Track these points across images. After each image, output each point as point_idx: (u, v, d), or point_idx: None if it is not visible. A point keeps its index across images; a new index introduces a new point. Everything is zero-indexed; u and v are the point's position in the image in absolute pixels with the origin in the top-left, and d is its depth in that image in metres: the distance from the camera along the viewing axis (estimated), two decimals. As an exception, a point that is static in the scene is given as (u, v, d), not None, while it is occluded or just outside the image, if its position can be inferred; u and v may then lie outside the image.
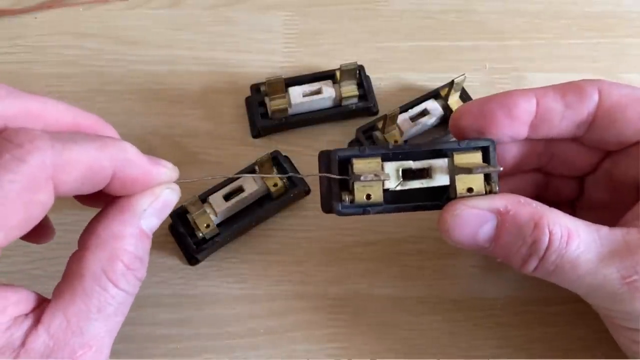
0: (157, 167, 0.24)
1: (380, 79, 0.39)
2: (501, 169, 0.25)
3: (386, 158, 0.26)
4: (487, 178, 0.25)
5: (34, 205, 0.21)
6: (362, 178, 0.24)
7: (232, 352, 0.31)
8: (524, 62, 0.40)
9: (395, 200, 0.26)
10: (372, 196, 0.25)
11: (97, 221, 0.24)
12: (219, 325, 0.32)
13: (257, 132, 0.37)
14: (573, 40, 0.41)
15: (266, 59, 0.40)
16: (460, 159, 0.25)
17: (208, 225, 0.32)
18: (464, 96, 0.37)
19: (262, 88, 0.37)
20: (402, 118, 0.36)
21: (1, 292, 0.22)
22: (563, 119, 0.26)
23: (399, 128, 0.36)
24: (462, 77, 0.35)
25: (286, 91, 0.36)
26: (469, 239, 0.25)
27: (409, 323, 0.32)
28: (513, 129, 0.26)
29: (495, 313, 0.32)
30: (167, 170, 0.25)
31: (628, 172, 0.27)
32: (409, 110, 0.36)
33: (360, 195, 0.25)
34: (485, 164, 0.25)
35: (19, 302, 0.22)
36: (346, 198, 0.25)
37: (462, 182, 0.25)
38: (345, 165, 0.26)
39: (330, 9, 0.42)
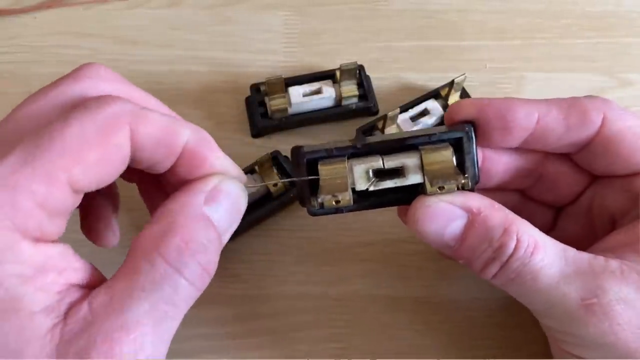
0: (223, 156, 0.24)
1: (381, 79, 0.39)
2: (463, 181, 0.24)
3: (355, 155, 0.25)
4: (462, 168, 0.24)
5: (112, 146, 0.21)
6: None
7: (232, 353, 0.31)
8: (524, 61, 0.40)
9: (368, 198, 0.25)
10: (341, 201, 0.24)
11: (161, 204, 0.23)
12: (219, 326, 0.32)
13: (257, 131, 0.37)
14: (573, 40, 0.41)
15: (266, 58, 0.40)
16: (430, 157, 0.24)
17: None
18: (464, 96, 0.37)
19: (262, 88, 0.37)
20: (402, 118, 0.36)
21: (66, 255, 0.21)
22: (560, 139, 0.26)
23: (399, 128, 0.36)
24: (463, 76, 0.35)
25: (286, 91, 0.36)
26: (435, 234, 0.24)
27: (408, 323, 0.32)
28: (505, 139, 0.26)
29: (494, 313, 0.32)
30: (234, 167, 0.25)
31: (606, 203, 0.27)
32: (409, 110, 0.36)
33: (329, 203, 0.25)
34: (451, 173, 0.24)
35: (78, 270, 0.21)
36: (315, 204, 0.25)
37: (433, 181, 0.24)
38: (315, 164, 0.25)
39: (330, 9, 0.42)
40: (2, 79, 0.39)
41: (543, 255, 0.23)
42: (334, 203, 0.25)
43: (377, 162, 0.25)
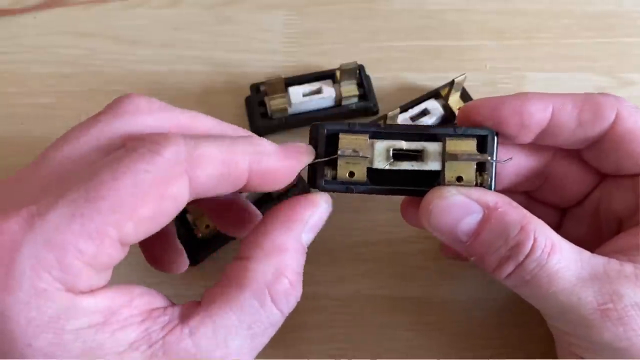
0: (293, 159, 0.23)
1: (381, 79, 0.39)
2: (488, 158, 0.24)
3: (377, 136, 0.25)
4: (482, 169, 0.24)
5: (167, 199, 0.20)
6: (339, 152, 0.23)
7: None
8: (524, 61, 0.40)
9: (382, 181, 0.25)
10: (356, 174, 0.24)
11: (258, 231, 0.23)
12: (218, 326, 0.32)
13: (257, 131, 0.37)
14: (574, 40, 0.41)
15: (266, 58, 0.40)
16: (453, 145, 0.24)
17: (207, 226, 0.32)
18: (465, 96, 0.37)
19: (262, 88, 0.37)
20: (403, 118, 0.36)
21: (122, 287, 0.20)
22: (573, 134, 0.25)
23: (400, 128, 0.35)
24: (463, 76, 0.35)
25: (286, 91, 0.36)
26: (448, 228, 0.23)
27: (409, 323, 0.32)
28: (520, 135, 0.25)
29: (494, 313, 0.32)
30: (303, 160, 0.24)
31: (613, 204, 0.27)
32: (409, 110, 0.36)
33: (342, 172, 0.24)
34: (474, 152, 0.24)
35: (143, 294, 0.21)
36: (328, 173, 0.24)
37: (452, 170, 0.24)
38: (335, 140, 0.24)
39: (330, 9, 0.42)
40: (2, 79, 0.39)
41: (560, 257, 0.23)
42: (347, 175, 0.24)
43: (399, 143, 0.24)
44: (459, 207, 0.23)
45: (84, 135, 0.21)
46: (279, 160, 0.23)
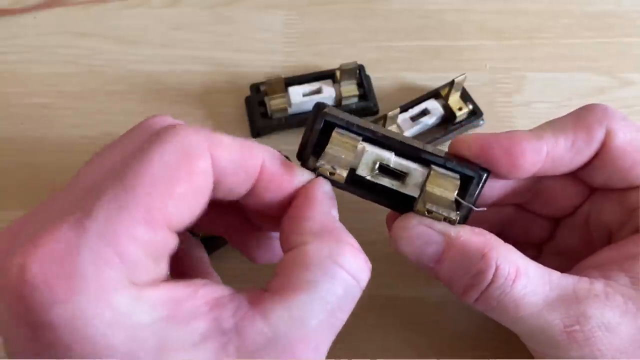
0: (298, 175, 0.24)
1: (381, 79, 0.39)
2: (455, 215, 0.24)
3: (371, 141, 0.24)
4: (458, 204, 0.24)
5: (197, 174, 0.20)
6: (318, 164, 0.24)
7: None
8: (524, 61, 0.40)
9: (360, 186, 0.25)
10: (336, 176, 0.24)
11: (296, 219, 0.23)
12: (218, 326, 0.32)
13: (257, 131, 0.37)
14: (574, 39, 0.41)
15: (266, 58, 0.40)
16: (435, 182, 0.24)
17: (208, 225, 0.32)
18: (465, 96, 0.37)
19: (262, 87, 0.37)
20: (403, 118, 0.36)
21: (183, 280, 0.20)
22: (570, 164, 0.25)
23: (400, 128, 0.35)
24: (463, 76, 0.35)
25: (286, 91, 0.36)
26: (414, 255, 0.24)
27: (409, 323, 0.32)
28: (512, 175, 0.25)
29: (495, 313, 0.32)
30: (304, 179, 0.24)
31: (603, 216, 0.27)
32: (409, 110, 0.36)
33: (323, 170, 0.24)
34: (445, 203, 0.24)
35: (206, 284, 0.20)
36: (311, 164, 0.24)
37: (424, 205, 0.24)
38: (331, 128, 0.25)
39: (330, 8, 0.42)
40: (2, 79, 0.39)
41: (525, 282, 0.23)
42: (328, 173, 0.24)
43: (388, 157, 0.24)
44: (421, 236, 0.24)
45: (114, 149, 0.21)
46: (286, 168, 0.23)
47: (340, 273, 0.21)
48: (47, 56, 0.40)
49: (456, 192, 0.24)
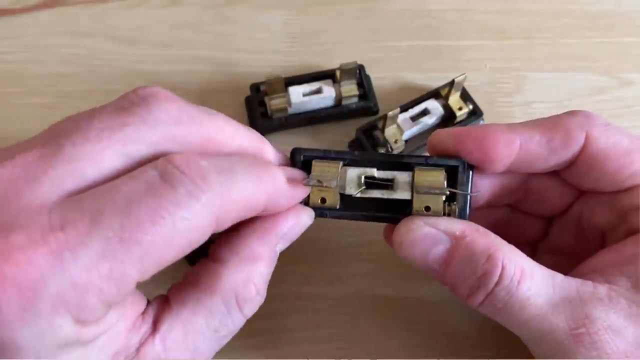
0: (298, 190, 0.24)
1: (381, 79, 0.39)
2: (447, 193, 0.24)
3: (351, 163, 0.25)
4: (452, 199, 0.25)
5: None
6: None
7: (231, 353, 0.31)
8: (524, 61, 0.40)
9: (355, 208, 0.26)
10: (328, 200, 0.25)
11: (236, 235, 0.23)
12: (218, 326, 0.32)
13: (257, 131, 0.37)
14: (574, 39, 0.41)
15: (266, 58, 0.40)
16: (421, 176, 0.24)
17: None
18: (465, 95, 0.37)
19: (262, 87, 0.37)
20: (403, 117, 0.36)
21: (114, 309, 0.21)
22: (546, 162, 0.26)
23: (400, 127, 0.35)
24: (463, 76, 0.35)
25: (286, 90, 0.36)
26: (419, 258, 0.24)
27: (407, 323, 0.32)
28: (488, 168, 0.25)
29: (495, 313, 0.32)
30: (306, 190, 0.25)
31: (594, 218, 0.27)
32: (409, 110, 0.36)
33: (315, 198, 0.25)
34: (437, 186, 0.24)
35: (135, 302, 0.21)
36: (302, 200, 0.25)
37: (420, 200, 0.24)
38: (311, 164, 0.25)
39: (330, 8, 0.42)
40: (2, 79, 0.39)
41: (530, 283, 0.23)
42: (319, 201, 0.25)
43: (371, 171, 0.25)
44: (427, 238, 0.24)
45: (110, 138, 0.20)
46: (289, 199, 0.24)
47: (236, 312, 0.23)
48: (47, 56, 0.40)
49: (445, 182, 0.24)
